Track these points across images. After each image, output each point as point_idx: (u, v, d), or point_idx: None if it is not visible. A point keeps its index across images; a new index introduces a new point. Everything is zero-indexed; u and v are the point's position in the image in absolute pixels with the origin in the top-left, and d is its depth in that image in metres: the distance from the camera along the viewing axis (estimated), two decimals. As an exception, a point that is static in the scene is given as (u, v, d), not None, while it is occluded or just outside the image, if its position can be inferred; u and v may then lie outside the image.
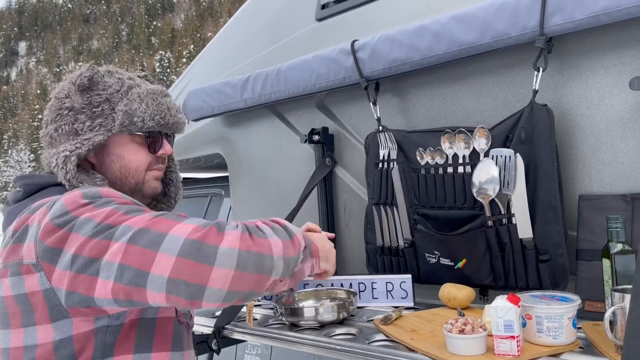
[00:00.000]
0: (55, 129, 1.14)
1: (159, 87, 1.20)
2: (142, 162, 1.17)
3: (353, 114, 1.99)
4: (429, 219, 1.69)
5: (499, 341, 1.13)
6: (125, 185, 1.16)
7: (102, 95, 1.14)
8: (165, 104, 1.18)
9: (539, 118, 1.44)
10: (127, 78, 1.18)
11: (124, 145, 1.16)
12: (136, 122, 1.13)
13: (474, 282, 1.59)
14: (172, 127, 1.20)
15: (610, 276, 1.22)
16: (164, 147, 1.20)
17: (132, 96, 1.15)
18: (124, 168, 1.16)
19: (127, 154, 1.16)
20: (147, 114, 1.14)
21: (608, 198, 1.40)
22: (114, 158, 1.15)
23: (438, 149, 1.64)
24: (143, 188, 1.18)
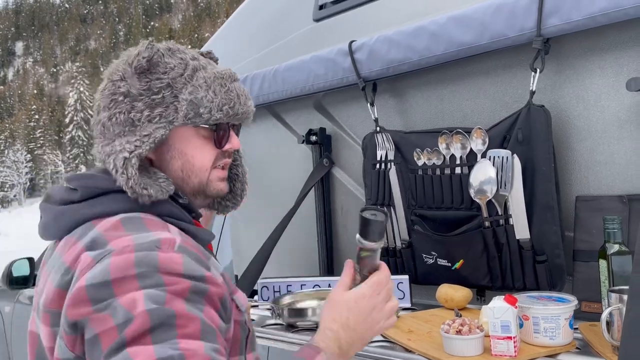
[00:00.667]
0: (109, 117, 0.94)
1: (227, 70, 1.00)
2: (207, 158, 0.98)
3: (350, 114, 1.99)
4: (427, 219, 1.69)
5: (496, 342, 1.13)
6: (188, 186, 0.98)
7: (163, 79, 0.94)
8: (235, 91, 0.98)
9: (536, 119, 1.44)
10: (190, 58, 0.98)
11: (187, 139, 0.97)
12: (202, 114, 0.94)
13: (471, 283, 1.59)
14: (242, 117, 1.00)
15: (607, 277, 1.22)
16: (232, 140, 1.00)
17: (198, 82, 0.95)
18: (186, 166, 0.97)
19: (190, 150, 0.97)
20: (215, 104, 0.95)
21: (605, 199, 1.40)
22: (175, 154, 0.97)
23: (435, 150, 1.64)
24: (207, 189, 0.99)
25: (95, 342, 0.75)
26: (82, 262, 0.81)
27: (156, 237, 0.82)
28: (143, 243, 0.80)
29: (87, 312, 0.76)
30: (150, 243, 0.81)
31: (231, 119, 0.98)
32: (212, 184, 0.99)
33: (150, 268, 0.78)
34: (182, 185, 0.98)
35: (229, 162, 1.02)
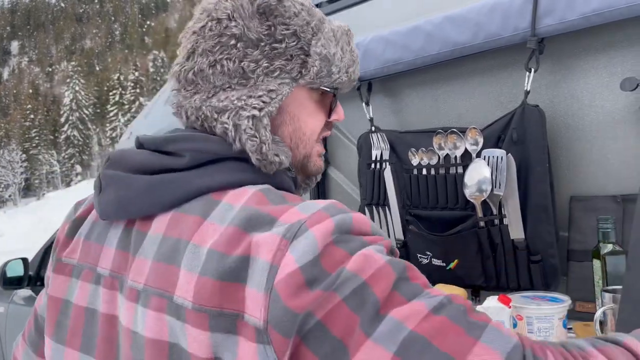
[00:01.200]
0: (211, 63, 0.76)
1: (346, 25, 0.86)
2: (318, 127, 0.84)
3: (346, 114, 1.96)
4: (421, 219, 1.69)
5: (490, 342, 1.13)
6: (294, 157, 0.82)
7: (289, 26, 0.78)
8: (356, 51, 0.86)
9: (530, 119, 1.44)
10: (311, 5, 0.83)
11: (302, 102, 0.81)
12: (333, 73, 0.80)
13: (465, 283, 1.59)
14: (355, 82, 0.88)
15: (600, 277, 1.23)
16: (339, 111, 0.87)
17: (328, 35, 0.81)
18: (296, 133, 0.81)
19: (304, 115, 0.81)
20: (344, 64, 0.82)
21: (599, 199, 1.41)
22: (287, 118, 0.80)
23: (430, 150, 1.64)
24: (308, 164, 0.84)
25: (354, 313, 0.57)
26: (263, 245, 0.61)
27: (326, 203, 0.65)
28: (329, 207, 0.64)
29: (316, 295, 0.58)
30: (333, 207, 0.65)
31: (350, 84, 0.86)
32: (313, 159, 0.84)
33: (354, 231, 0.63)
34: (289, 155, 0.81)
35: (329, 133, 0.87)
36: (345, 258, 0.60)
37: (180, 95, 0.80)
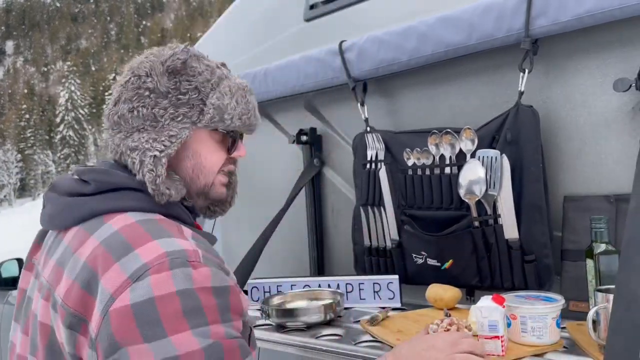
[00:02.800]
0: (130, 109, 0.98)
1: (244, 82, 1.08)
2: (217, 162, 1.04)
3: (341, 114, 2.00)
4: (416, 219, 1.69)
5: (483, 341, 1.14)
6: (194, 185, 1.03)
7: (191, 82, 1.00)
8: (252, 103, 1.06)
9: (524, 119, 1.45)
10: (216, 67, 1.05)
11: (203, 141, 1.02)
12: (225, 120, 1.01)
13: (460, 283, 1.59)
14: (252, 129, 1.08)
15: (594, 276, 1.23)
16: (240, 148, 1.08)
17: (224, 89, 1.02)
18: (197, 166, 1.03)
19: (204, 152, 1.03)
20: (237, 112, 1.02)
21: (592, 199, 1.41)
22: (190, 154, 1.02)
23: (425, 150, 1.64)
24: (210, 191, 1.05)
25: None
26: (113, 278, 0.83)
27: (182, 247, 0.87)
28: (175, 258, 0.84)
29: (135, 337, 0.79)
30: (180, 256, 0.85)
31: (245, 128, 1.06)
32: (215, 187, 1.05)
33: (188, 286, 0.83)
34: (189, 186, 1.02)
35: (233, 169, 1.09)
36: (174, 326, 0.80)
37: (107, 134, 1.03)
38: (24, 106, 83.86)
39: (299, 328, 1.52)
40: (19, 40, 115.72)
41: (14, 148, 74.75)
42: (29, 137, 77.26)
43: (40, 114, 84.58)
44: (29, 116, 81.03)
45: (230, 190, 1.13)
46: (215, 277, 0.87)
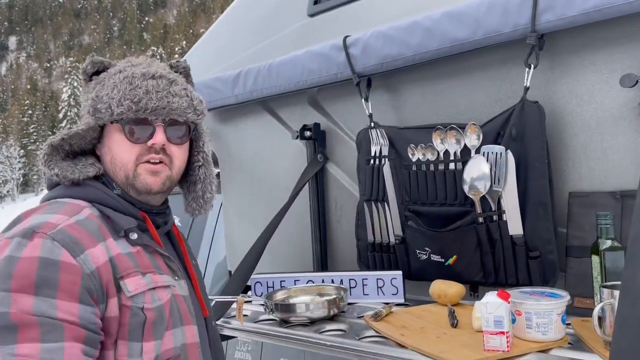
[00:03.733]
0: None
1: (149, 70, 1.07)
2: (127, 153, 1.05)
3: (345, 110, 1.99)
4: (420, 215, 1.69)
5: (488, 337, 1.14)
6: (117, 178, 1.07)
7: (95, 81, 1.10)
8: (145, 87, 1.04)
9: (530, 115, 1.44)
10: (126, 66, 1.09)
11: (111, 135, 1.07)
12: (100, 109, 1.04)
13: (464, 279, 1.59)
14: (156, 112, 1.04)
15: (599, 272, 1.23)
16: (155, 136, 1.05)
17: (108, 82, 1.06)
18: (112, 160, 1.07)
19: (114, 145, 1.07)
20: (115, 100, 1.03)
21: (598, 195, 1.41)
22: (106, 149, 1.08)
23: (429, 146, 1.64)
24: (135, 183, 1.06)
25: None
26: None
27: (42, 221, 0.95)
28: (27, 228, 0.93)
29: None
30: (32, 227, 0.93)
31: (139, 113, 1.03)
32: (139, 178, 1.06)
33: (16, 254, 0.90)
34: (114, 178, 1.07)
35: (156, 157, 1.06)
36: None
37: None
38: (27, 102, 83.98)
39: (303, 323, 1.52)
40: (21, 36, 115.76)
41: (17, 143, 74.89)
42: (32, 133, 77.40)
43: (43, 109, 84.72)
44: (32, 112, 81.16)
45: (200, 184, 1.16)
46: (48, 250, 0.91)
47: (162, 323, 1.00)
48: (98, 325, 0.93)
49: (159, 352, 0.98)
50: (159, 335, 0.99)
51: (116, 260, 0.97)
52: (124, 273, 0.97)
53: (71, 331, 0.88)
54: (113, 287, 0.95)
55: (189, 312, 1.08)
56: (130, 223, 1.03)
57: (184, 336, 1.05)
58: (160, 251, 1.07)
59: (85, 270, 0.92)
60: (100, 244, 0.97)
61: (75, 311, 0.90)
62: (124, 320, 0.95)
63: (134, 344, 0.96)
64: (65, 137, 1.04)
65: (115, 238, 1.01)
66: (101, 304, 0.94)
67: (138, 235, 1.04)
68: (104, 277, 0.94)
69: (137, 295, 0.97)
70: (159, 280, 1.03)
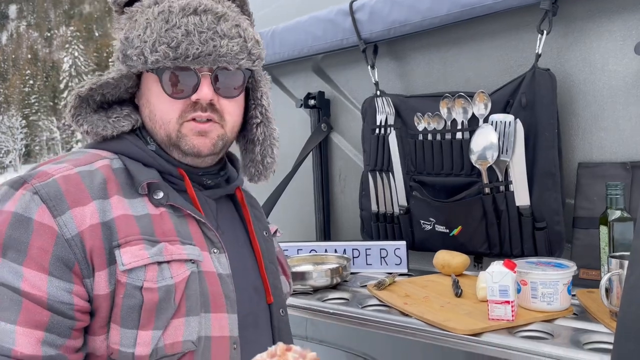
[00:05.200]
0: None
1: (192, 2, 0.84)
2: (168, 109, 0.86)
3: (350, 77, 1.95)
4: (426, 185, 1.67)
5: (493, 306, 1.13)
6: (157, 135, 0.88)
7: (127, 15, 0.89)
8: (185, 27, 0.82)
9: (541, 83, 1.40)
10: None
11: (148, 85, 0.88)
12: (131, 55, 0.84)
13: (468, 250, 1.58)
14: (200, 60, 0.83)
15: (607, 243, 1.21)
16: (200, 89, 0.85)
17: (141, 19, 0.85)
18: (151, 115, 0.88)
19: (152, 98, 0.87)
20: (148, 44, 0.82)
21: (607, 166, 1.38)
22: (144, 101, 0.89)
23: (436, 114, 1.61)
24: (180, 144, 0.87)
25: None
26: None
27: (42, 169, 0.81)
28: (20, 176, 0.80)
29: None
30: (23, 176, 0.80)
31: (178, 61, 0.83)
32: (185, 139, 0.86)
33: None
34: (153, 134, 0.89)
35: (203, 115, 0.86)
36: None
37: None
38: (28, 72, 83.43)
39: (306, 291, 1.52)
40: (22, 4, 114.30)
41: (19, 114, 74.71)
42: (33, 103, 77.14)
43: (44, 79, 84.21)
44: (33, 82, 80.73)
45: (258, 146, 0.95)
46: (25, 205, 0.76)
47: (168, 308, 0.78)
48: (74, 307, 0.75)
49: (159, 345, 0.77)
50: (161, 324, 0.78)
51: (116, 223, 0.78)
52: (123, 240, 0.78)
53: (30, 312, 0.72)
54: (103, 257, 0.77)
55: (224, 297, 0.84)
56: (151, 177, 0.84)
57: (207, 327, 0.81)
58: (195, 216, 0.85)
59: (65, 235, 0.75)
60: (94, 202, 0.78)
61: (43, 284, 0.73)
62: (117, 299, 0.77)
63: (127, 332, 0.76)
64: (94, 87, 0.86)
65: (133, 196, 0.82)
66: (87, 278, 0.76)
67: (165, 194, 0.84)
68: (88, 244, 0.76)
69: (134, 270, 0.77)
70: (176, 251, 0.80)
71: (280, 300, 0.95)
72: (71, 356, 0.76)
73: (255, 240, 0.95)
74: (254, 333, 0.88)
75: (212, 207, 0.92)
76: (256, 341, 0.88)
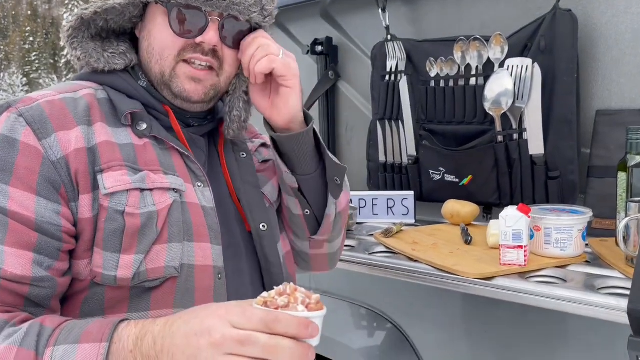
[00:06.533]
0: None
1: None
2: (168, 44, 0.84)
3: (360, 23, 1.88)
4: (436, 134, 1.62)
5: (505, 251, 1.10)
6: (150, 72, 0.87)
7: None
8: None
9: (561, 25, 1.34)
10: None
11: (154, 16, 0.86)
12: None
13: (478, 200, 1.54)
14: (213, 3, 0.82)
15: (624, 190, 1.17)
16: (206, 33, 0.83)
17: None
18: (149, 49, 0.86)
19: (154, 30, 0.85)
20: None
21: (627, 113, 1.33)
22: (145, 34, 0.87)
23: (450, 59, 1.55)
24: (171, 83, 0.85)
25: None
26: None
27: (28, 95, 0.80)
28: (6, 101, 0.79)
29: None
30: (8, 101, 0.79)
31: (198, 1, 0.81)
32: (176, 81, 0.85)
33: None
34: (147, 71, 0.88)
35: (203, 59, 0.84)
36: None
37: None
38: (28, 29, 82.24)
39: (311, 238, 1.49)
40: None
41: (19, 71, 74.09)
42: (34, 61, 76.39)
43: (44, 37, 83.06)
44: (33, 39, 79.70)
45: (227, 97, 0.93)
46: (10, 126, 0.75)
47: (150, 234, 0.78)
48: (61, 229, 0.75)
49: (141, 269, 0.77)
50: (143, 249, 0.78)
51: (99, 149, 0.78)
52: (105, 165, 0.77)
53: (17, 232, 0.72)
54: (88, 181, 0.76)
55: (207, 227, 0.83)
56: (133, 106, 0.84)
57: (190, 255, 0.81)
58: (178, 149, 0.85)
59: (51, 157, 0.75)
60: (79, 127, 0.78)
61: (30, 204, 0.73)
62: (100, 224, 0.76)
63: (110, 255, 0.76)
64: (99, 11, 0.83)
65: (116, 125, 0.82)
66: (73, 202, 0.76)
67: (149, 125, 0.84)
68: (73, 167, 0.76)
69: (116, 194, 0.76)
70: (158, 180, 0.80)
71: (260, 216, 0.92)
72: (59, 279, 0.76)
73: (226, 172, 0.93)
74: (235, 262, 0.88)
75: (201, 144, 0.92)
76: (238, 269, 0.88)
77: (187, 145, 0.87)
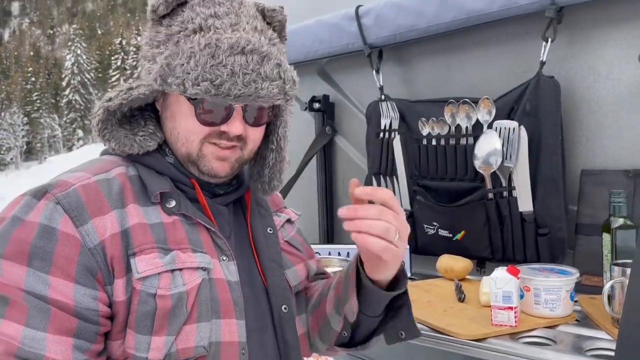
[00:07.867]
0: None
1: (240, 39, 0.82)
2: (193, 130, 0.86)
3: (355, 82, 1.96)
4: (429, 190, 1.68)
5: (496, 312, 1.14)
6: (177, 151, 0.89)
7: (161, 33, 0.86)
8: (231, 66, 0.81)
9: (545, 90, 1.41)
10: (208, 15, 0.85)
11: (178, 104, 0.87)
12: (171, 84, 0.82)
13: (472, 254, 1.59)
14: (240, 98, 0.82)
15: (609, 250, 1.22)
16: (231, 123, 0.85)
17: (184, 46, 0.83)
18: (174, 131, 0.88)
19: (179, 116, 0.87)
20: (191, 77, 0.81)
21: (610, 173, 1.39)
22: (169, 115, 0.89)
23: (441, 120, 1.62)
24: (199, 163, 0.88)
25: None
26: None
27: (61, 179, 0.83)
28: (42, 185, 0.82)
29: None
30: (44, 186, 0.81)
31: (218, 98, 0.82)
32: (204, 160, 0.88)
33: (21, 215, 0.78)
34: (173, 149, 0.90)
35: (228, 144, 0.87)
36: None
37: None
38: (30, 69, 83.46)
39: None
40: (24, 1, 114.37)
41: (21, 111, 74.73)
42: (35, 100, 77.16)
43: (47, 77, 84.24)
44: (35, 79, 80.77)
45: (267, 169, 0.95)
46: (49, 215, 0.78)
47: (180, 315, 0.80)
48: (99, 314, 0.77)
49: (172, 350, 0.79)
50: (174, 330, 0.80)
51: (132, 232, 0.80)
52: (138, 249, 0.80)
53: (58, 319, 0.74)
54: (122, 265, 0.79)
55: (233, 303, 0.85)
56: (163, 186, 0.86)
57: (217, 332, 0.83)
58: (204, 224, 0.87)
59: (88, 244, 0.78)
60: (113, 212, 0.81)
61: (69, 292, 0.76)
62: (133, 306, 0.79)
63: (142, 337, 0.79)
64: (124, 102, 0.86)
65: (147, 204, 0.84)
66: (108, 285, 0.79)
67: (177, 202, 0.86)
68: (109, 252, 0.79)
69: (148, 277, 0.79)
70: (188, 260, 0.82)
71: (282, 297, 0.94)
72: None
73: (253, 244, 0.95)
74: (259, 336, 0.90)
75: (225, 213, 0.94)
76: (262, 344, 0.90)
77: (212, 220, 0.89)
